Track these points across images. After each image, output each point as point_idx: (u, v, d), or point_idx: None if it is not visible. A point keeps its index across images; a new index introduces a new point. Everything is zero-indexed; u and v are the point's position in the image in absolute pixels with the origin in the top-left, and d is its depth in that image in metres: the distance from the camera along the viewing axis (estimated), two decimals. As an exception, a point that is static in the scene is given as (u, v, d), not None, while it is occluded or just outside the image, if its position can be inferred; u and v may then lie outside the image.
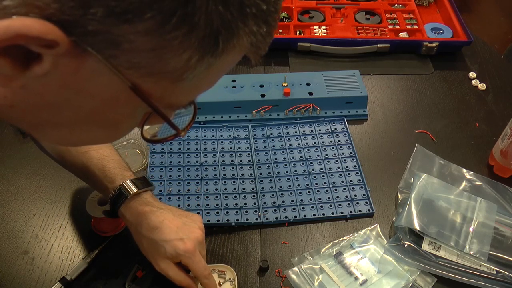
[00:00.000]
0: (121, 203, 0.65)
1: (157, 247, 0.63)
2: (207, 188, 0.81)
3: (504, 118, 0.91)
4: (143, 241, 0.64)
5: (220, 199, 0.79)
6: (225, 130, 0.91)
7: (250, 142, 0.89)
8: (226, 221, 0.76)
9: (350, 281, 0.68)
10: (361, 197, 0.80)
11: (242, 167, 0.85)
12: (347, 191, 0.81)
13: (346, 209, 0.78)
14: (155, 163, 0.84)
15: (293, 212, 0.78)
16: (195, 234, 0.63)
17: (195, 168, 0.84)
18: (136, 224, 0.64)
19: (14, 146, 0.89)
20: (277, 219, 0.77)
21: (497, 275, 0.68)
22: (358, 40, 1.10)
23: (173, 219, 0.64)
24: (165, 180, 0.81)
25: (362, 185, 0.82)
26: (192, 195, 0.79)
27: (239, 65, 1.08)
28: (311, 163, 0.85)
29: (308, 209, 0.78)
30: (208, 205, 0.78)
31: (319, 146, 0.89)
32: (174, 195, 0.79)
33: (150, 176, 0.82)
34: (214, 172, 0.83)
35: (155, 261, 0.63)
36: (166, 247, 0.62)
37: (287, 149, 0.88)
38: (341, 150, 0.88)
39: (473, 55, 1.12)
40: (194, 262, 0.62)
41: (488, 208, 0.76)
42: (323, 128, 0.92)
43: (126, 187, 0.65)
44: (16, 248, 0.74)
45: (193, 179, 0.82)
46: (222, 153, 0.87)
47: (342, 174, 0.84)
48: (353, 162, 0.86)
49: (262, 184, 0.82)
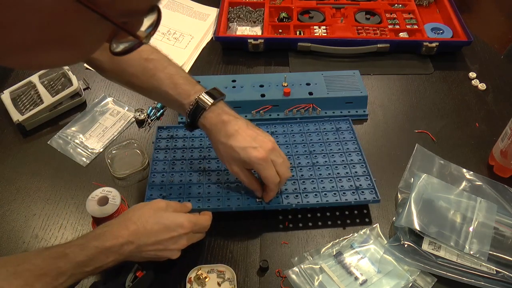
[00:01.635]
0: (200, 114, 0.72)
1: (232, 152, 0.70)
2: (209, 178, 0.80)
3: (504, 118, 0.91)
4: (220, 147, 0.71)
5: (222, 187, 0.79)
6: None
7: None
8: (227, 206, 0.75)
9: (350, 281, 0.68)
10: (366, 187, 0.79)
11: None
12: (352, 181, 0.80)
13: (351, 196, 0.77)
14: (158, 157, 0.84)
15: (296, 199, 0.77)
16: (267, 144, 0.70)
17: (198, 161, 0.84)
18: (216, 131, 0.71)
19: (14, 146, 0.89)
20: (279, 204, 0.76)
21: (497, 275, 0.68)
22: (358, 40, 1.10)
23: (247, 129, 0.71)
24: (167, 172, 0.82)
25: (367, 175, 0.81)
26: (193, 184, 0.79)
27: (239, 65, 1.08)
28: (315, 156, 0.85)
29: (311, 196, 0.77)
30: (209, 192, 0.78)
31: (324, 142, 0.88)
32: (176, 184, 0.79)
33: (153, 169, 0.82)
34: (217, 164, 0.83)
35: (230, 165, 0.72)
36: (241, 153, 0.69)
37: (291, 144, 0.87)
38: (346, 146, 0.87)
39: (473, 55, 1.12)
40: (265, 169, 0.69)
41: (488, 208, 0.76)
42: (328, 126, 0.91)
43: (204, 99, 0.72)
44: (16, 248, 0.74)
45: (196, 171, 0.82)
46: None
47: (347, 166, 0.82)
48: (357, 156, 0.85)
49: None
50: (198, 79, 0.97)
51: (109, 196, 0.73)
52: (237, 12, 1.19)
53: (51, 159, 0.87)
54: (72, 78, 0.97)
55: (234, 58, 1.10)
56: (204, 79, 0.98)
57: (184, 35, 1.15)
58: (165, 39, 1.14)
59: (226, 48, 1.12)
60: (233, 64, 1.09)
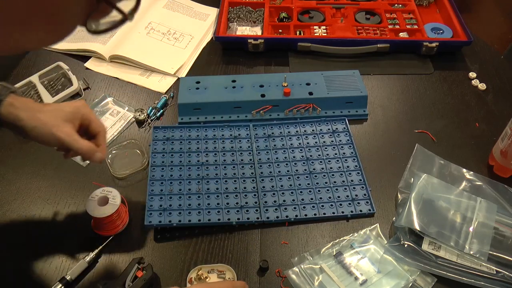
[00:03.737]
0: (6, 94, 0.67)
1: (57, 112, 0.67)
2: (208, 187, 0.81)
3: (504, 118, 0.90)
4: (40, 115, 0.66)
5: (221, 198, 0.79)
6: (226, 129, 0.91)
7: (251, 141, 0.89)
8: (227, 220, 0.76)
9: (350, 281, 0.68)
10: (362, 197, 0.80)
11: (243, 166, 0.85)
12: (348, 190, 0.81)
13: (347, 208, 0.78)
14: (156, 162, 0.84)
15: (294, 211, 0.78)
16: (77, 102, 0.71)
17: (196, 167, 0.84)
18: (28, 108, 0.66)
19: (14, 146, 0.89)
20: (278, 218, 0.77)
21: (497, 275, 0.68)
22: (358, 40, 1.10)
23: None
24: (166, 180, 0.81)
25: (363, 185, 0.82)
26: (193, 194, 0.79)
27: (239, 65, 1.08)
28: (312, 163, 0.85)
29: (309, 208, 0.78)
30: (209, 204, 0.78)
31: (320, 145, 0.89)
32: (176, 194, 0.79)
33: (151, 176, 0.82)
34: (215, 172, 0.83)
35: (58, 128, 0.66)
36: (64, 108, 0.68)
37: (288, 148, 0.88)
38: (342, 150, 0.88)
39: (473, 55, 1.12)
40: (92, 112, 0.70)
41: (488, 208, 0.76)
42: (324, 127, 0.92)
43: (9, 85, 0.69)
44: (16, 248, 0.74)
45: (194, 179, 0.82)
46: (223, 152, 0.87)
47: (343, 174, 0.84)
48: (354, 162, 0.86)
49: (263, 183, 0.82)
50: (198, 79, 0.98)
51: (109, 196, 0.73)
52: (237, 12, 1.19)
53: (51, 159, 0.87)
54: (72, 78, 0.97)
55: (234, 58, 1.10)
56: (204, 79, 0.98)
57: (184, 35, 1.15)
58: (165, 39, 1.14)
59: (226, 48, 1.12)
60: (233, 64, 1.09)
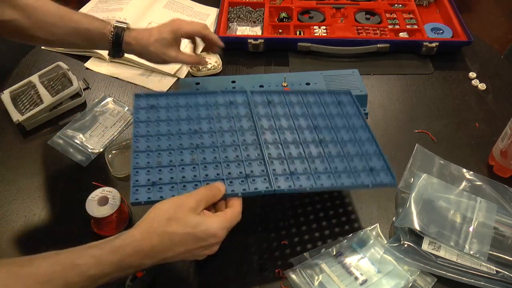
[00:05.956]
0: (123, 33, 0.82)
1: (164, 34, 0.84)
2: (204, 156, 0.70)
3: (504, 118, 0.91)
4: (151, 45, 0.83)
5: (221, 168, 0.68)
6: (219, 95, 0.81)
7: (250, 107, 0.80)
8: (231, 192, 0.65)
9: (350, 281, 0.68)
10: (380, 168, 0.74)
11: (243, 132, 0.75)
12: (364, 161, 0.74)
13: (367, 179, 0.71)
14: (140, 132, 0.72)
15: (308, 181, 0.69)
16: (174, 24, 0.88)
17: (187, 136, 0.73)
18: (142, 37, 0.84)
19: (14, 146, 0.89)
20: (291, 187, 0.67)
21: (497, 275, 0.68)
22: (358, 40, 1.10)
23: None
24: (153, 151, 0.70)
25: (379, 155, 0.75)
26: (187, 165, 0.68)
27: (239, 65, 1.08)
28: (321, 131, 0.78)
29: (324, 178, 0.70)
30: (207, 175, 0.67)
31: (327, 115, 0.82)
32: (166, 166, 0.67)
33: (135, 147, 0.70)
34: (211, 139, 0.73)
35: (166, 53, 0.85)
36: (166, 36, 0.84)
37: (291, 115, 0.80)
38: (351, 121, 0.81)
39: (473, 55, 1.12)
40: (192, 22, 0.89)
41: (488, 208, 0.76)
42: (328, 99, 0.86)
43: (119, 24, 0.82)
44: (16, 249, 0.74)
45: (187, 148, 0.71)
46: (218, 118, 0.77)
47: (356, 144, 0.77)
48: (365, 133, 0.79)
49: (268, 150, 0.72)
50: (198, 80, 0.98)
51: (109, 196, 0.73)
52: (237, 12, 1.19)
53: (51, 159, 0.87)
54: (72, 78, 0.97)
55: (234, 58, 1.10)
56: (204, 79, 0.98)
57: (184, 35, 1.15)
58: (165, 39, 1.14)
59: (226, 48, 1.12)
60: (233, 64, 1.09)
